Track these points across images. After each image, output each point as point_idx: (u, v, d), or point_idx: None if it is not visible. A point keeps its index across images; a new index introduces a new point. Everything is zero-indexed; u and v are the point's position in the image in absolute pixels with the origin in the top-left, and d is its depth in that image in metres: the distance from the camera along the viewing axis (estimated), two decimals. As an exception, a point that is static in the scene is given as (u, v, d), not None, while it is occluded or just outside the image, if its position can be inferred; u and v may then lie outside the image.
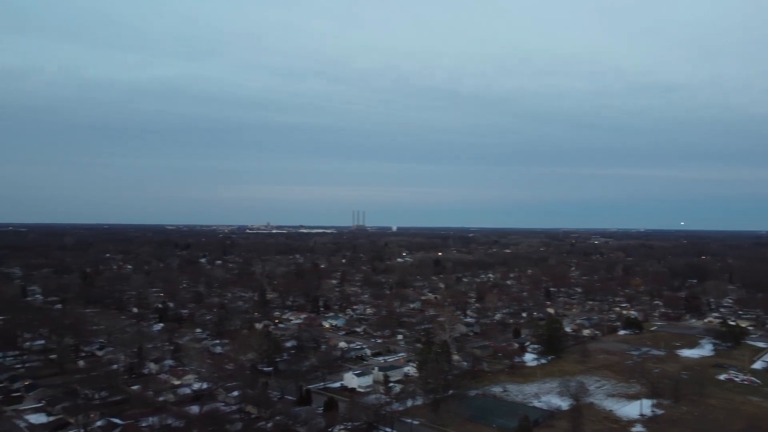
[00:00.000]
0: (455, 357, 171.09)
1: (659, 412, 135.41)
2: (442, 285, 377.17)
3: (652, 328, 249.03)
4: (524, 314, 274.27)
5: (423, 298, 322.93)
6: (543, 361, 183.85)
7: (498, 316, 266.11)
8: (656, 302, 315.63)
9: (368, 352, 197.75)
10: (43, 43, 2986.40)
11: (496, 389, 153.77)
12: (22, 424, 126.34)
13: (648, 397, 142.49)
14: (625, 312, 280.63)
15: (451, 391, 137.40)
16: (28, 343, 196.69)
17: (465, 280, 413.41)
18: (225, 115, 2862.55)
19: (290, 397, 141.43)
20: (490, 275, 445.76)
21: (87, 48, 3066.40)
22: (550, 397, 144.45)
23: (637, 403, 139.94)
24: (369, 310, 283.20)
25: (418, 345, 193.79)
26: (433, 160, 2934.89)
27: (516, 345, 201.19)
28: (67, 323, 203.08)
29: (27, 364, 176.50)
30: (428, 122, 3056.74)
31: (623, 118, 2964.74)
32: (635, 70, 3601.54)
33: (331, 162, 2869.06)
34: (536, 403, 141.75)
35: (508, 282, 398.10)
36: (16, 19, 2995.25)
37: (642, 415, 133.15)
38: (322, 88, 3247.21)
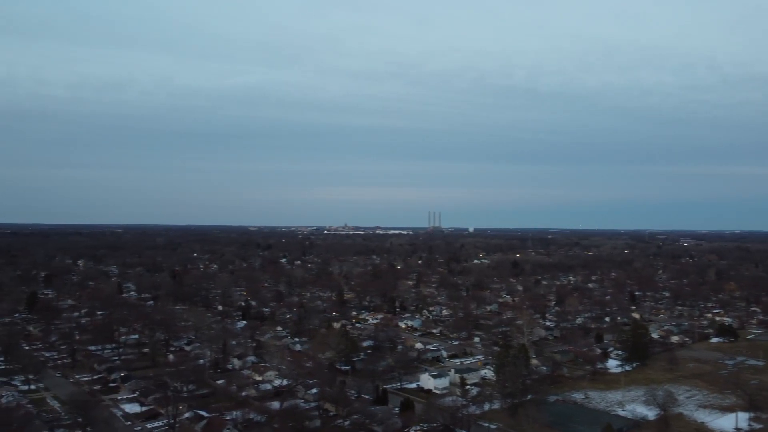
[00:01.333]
0: (534, 361, 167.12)
1: (757, 426, 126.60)
2: (520, 287, 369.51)
3: (749, 337, 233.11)
4: (607, 319, 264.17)
5: (500, 300, 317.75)
6: (627, 368, 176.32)
7: (579, 321, 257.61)
8: (753, 309, 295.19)
9: (444, 353, 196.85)
10: (139, 55, 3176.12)
11: (577, 396, 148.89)
12: (119, 413, 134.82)
13: (744, 409, 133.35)
14: (718, 318, 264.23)
15: (529, 396, 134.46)
16: (123, 337, 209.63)
17: (544, 282, 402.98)
18: (305, 119, 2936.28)
19: (367, 396, 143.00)
20: (571, 278, 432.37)
21: (178, 58, 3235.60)
22: (635, 406, 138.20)
23: (732, 415, 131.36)
24: (445, 312, 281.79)
25: (496, 348, 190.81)
26: (511, 160, 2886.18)
27: (598, 350, 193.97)
28: (159, 319, 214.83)
29: (123, 357, 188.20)
30: (507, 122, 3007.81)
31: (717, 113, 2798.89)
32: (730, 62, 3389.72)
33: (408, 163, 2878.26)
34: (620, 412, 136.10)
35: (590, 285, 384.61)
36: (116, 35, 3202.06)
37: (738, 429, 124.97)
38: (399, 90, 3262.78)
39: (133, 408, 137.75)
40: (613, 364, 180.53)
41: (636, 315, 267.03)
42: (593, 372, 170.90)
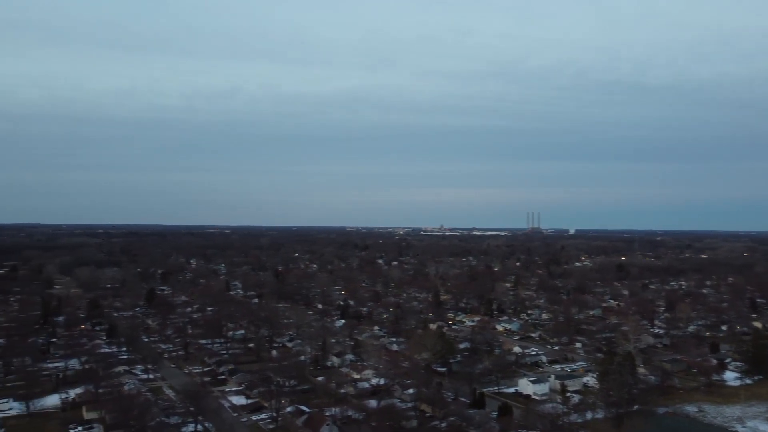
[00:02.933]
0: (641, 370, 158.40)
1: None
2: (625, 292, 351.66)
3: None
4: (724, 327, 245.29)
5: (604, 305, 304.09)
6: (748, 381, 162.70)
7: (691, 328, 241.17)
8: None
9: (544, 358, 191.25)
10: (247, 64, 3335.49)
11: (690, 409, 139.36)
12: (226, 404, 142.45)
13: None
14: None
15: (636, 407, 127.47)
16: (231, 333, 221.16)
17: (652, 287, 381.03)
18: (402, 122, 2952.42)
19: (464, 399, 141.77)
20: (682, 282, 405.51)
21: (283, 66, 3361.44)
22: (758, 423, 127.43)
23: None
24: (545, 316, 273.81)
25: (599, 355, 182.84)
26: (615, 158, 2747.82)
27: (714, 361, 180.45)
28: (263, 316, 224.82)
29: (230, 351, 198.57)
30: (611, 118, 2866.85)
31: None
32: None
33: (506, 163, 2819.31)
34: (740, 429, 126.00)
35: (704, 291, 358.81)
36: (226, 47, 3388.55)
37: None
38: (497, 89, 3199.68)
39: (239, 400, 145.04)
40: (730, 377, 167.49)
41: (758, 324, 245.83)
42: (708, 384, 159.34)
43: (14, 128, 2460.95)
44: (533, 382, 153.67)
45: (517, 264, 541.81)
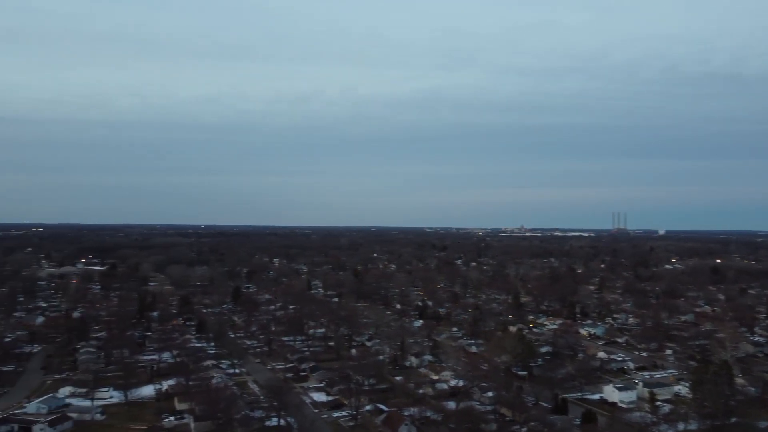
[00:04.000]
0: (739, 380, 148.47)
1: None
2: (721, 296, 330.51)
3: None
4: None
5: (697, 310, 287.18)
6: None
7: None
8: None
9: (631, 365, 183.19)
10: (326, 68, 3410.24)
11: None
12: (308, 400, 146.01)
13: None
14: None
15: (733, 419, 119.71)
16: (312, 330, 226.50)
17: (751, 292, 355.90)
18: (480, 121, 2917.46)
19: (545, 404, 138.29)
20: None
21: (360, 69, 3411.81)
22: None
23: None
24: (632, 320, 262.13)
25: (692, 363, 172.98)
26: (710, 154, 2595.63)
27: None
28: (343, 315, 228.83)
29: (311, 349, 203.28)
30: (704, 112, 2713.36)
31: None
32: None
33: (589, 162, 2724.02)
34: None
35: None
36: (306, 51, 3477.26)
37: None
38: (579, 85, 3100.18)
39: (320, 397, 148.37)
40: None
41: None
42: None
43: (113, 135, 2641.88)
44: (620, 389, 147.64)
45: (602, 266, 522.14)
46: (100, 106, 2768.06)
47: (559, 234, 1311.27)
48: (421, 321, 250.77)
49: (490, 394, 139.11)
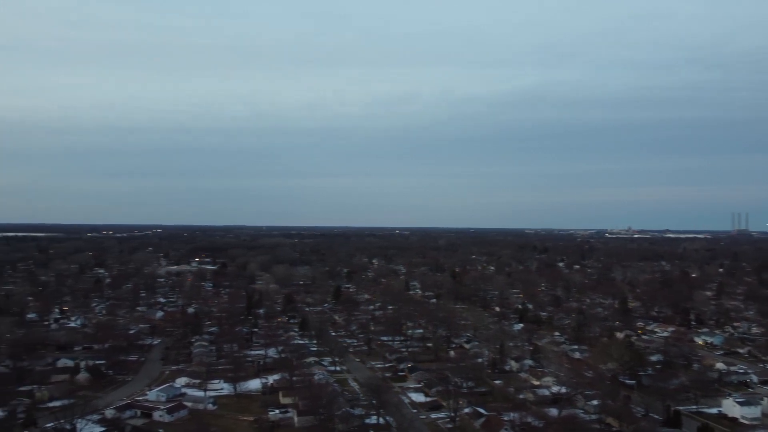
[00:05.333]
0: None
1: None
2: None
3: None
4: None
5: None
6: None
7: None
8: None
9: (755, 378, 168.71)
10: (423, 70, 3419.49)
11: None
12: (406, 400, 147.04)
13: None
14: None
15: None
16: (410, 331, 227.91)
17: None
18: (584, 118, 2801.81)
19: (656, 416, 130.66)
20: None
21: (458, 69, 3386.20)
22: None
23: None
24: (755, 330, 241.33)
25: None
26: None
27: None
28: (441, 316, 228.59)
29: (409, 349, 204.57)
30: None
31: None
32: None
33: (705, 158, 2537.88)
34: None
35: None
36: (403, 54, 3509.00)
37: None
38: (694, 77, 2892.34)
39: (418, 397, 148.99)
40: None
41: None
42: None
43: (225, 141, 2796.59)
44: (741, 403, 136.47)
45: (720, 270, 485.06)
46: (212, 115, 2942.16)
47: (671, 236, 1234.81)
48: (521, 324, 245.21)
49: (594, 402, 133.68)
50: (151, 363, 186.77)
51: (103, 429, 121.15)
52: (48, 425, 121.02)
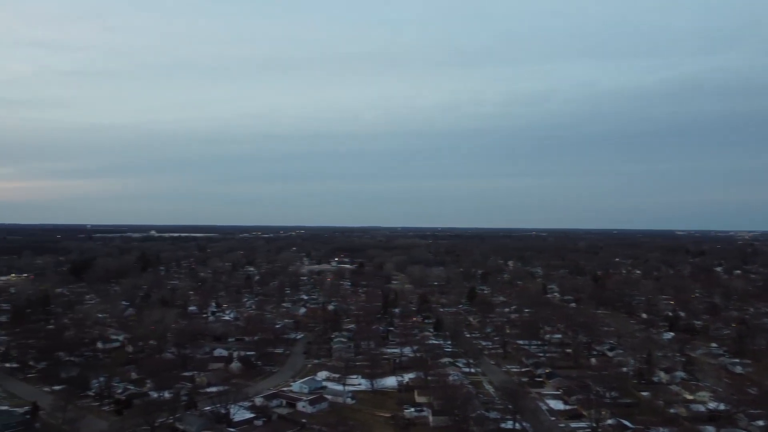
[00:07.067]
0: None
1: None
2: None
3: None
4: None
5: None
6: None
7: None
8: None
9: None
10: (561, 65, 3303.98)
11: None
12: (543, 407, 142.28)
13: None
14: None
15: None
16: (548, 335, 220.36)
17: None
18: (752, 108, 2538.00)
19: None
20: None
21: (599, 63, 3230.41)
22: None
23: None
24: None
25: None
26: None
27: None
28: (581, 321, 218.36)
29: (547, 354, 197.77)
30: None
31: None
32: None
33: None
34: None
35: None
36: (540, 51, 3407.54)
37: None
38: None
39: (557, 405, 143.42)
40: None
41: None
42: None
43: (360, 147, 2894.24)
44: None
45: None
46: (348, 121, 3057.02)
47: None
48: (672, 333, 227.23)
49: (760, 423, 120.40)
50: (295, 356, 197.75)
51: (252, 415, 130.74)
52: (206, 408, 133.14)
